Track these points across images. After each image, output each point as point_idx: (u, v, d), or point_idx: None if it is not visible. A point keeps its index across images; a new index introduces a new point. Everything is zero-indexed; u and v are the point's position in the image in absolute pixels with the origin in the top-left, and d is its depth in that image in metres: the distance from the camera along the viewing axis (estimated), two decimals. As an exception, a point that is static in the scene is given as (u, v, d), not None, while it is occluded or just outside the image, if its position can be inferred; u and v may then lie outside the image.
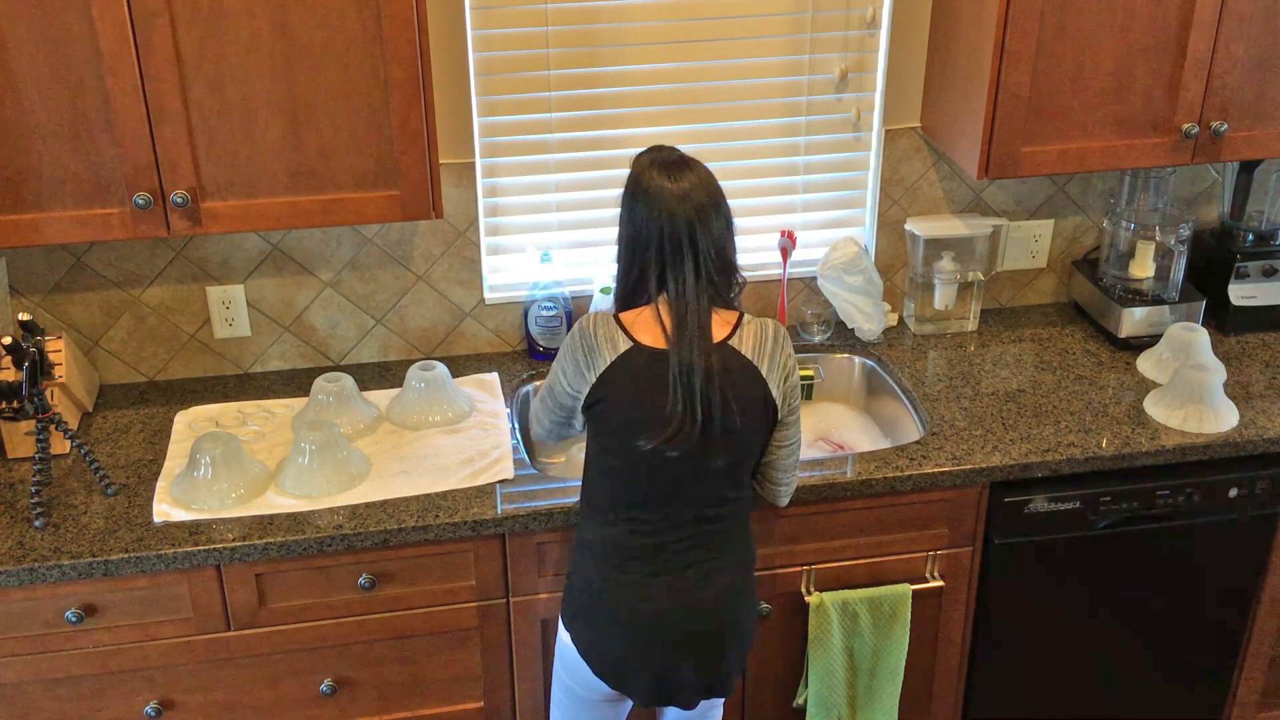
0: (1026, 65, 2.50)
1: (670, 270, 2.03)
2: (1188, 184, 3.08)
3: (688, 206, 2.01)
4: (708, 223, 2.02)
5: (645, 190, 2.04)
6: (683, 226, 2.01)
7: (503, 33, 2.68)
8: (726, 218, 2.07)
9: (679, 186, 2.02)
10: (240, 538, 2.29)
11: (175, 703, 2.45)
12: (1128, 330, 2.91)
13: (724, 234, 2.06)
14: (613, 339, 2.06)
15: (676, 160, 2.07)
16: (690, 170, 2.05)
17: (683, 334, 2.01)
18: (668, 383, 2.01)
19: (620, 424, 2.05)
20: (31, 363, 2.32)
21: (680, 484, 2.08)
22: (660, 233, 2.02)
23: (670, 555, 2.11)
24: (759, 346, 2.08)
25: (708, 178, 2.06)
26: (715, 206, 2.04)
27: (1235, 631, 2.83)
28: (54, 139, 2.25)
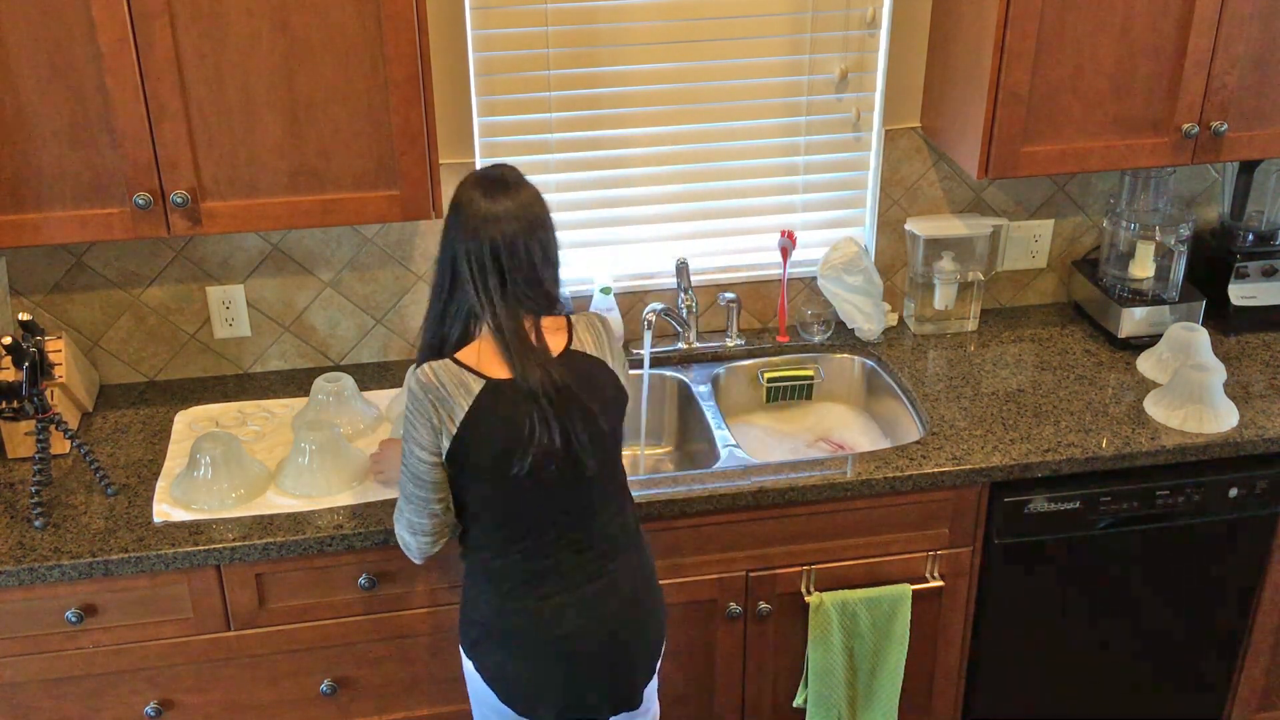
0: (1026, 65, 2.50)
1: (479, 288, 1.96)
2: (1188, 184, 3.08)
3: (494, 228, 1.94)
4: (515, 245, 1.95)
5: (459, 207, 1.98)
6: (486, 246, 1.94)
7: (503, 33, 2.68)
8: (542, 243, 1.99)
9: (492, 207, 1.95)
10: (240, 538, 2.29)
11: (175, 703, 2.45)
12: (1128, 330, 2.91)
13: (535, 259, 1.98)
14: (463, 383, 1.97)
15: (499, 179, 1.99)
16: (511, 192, 1.97)
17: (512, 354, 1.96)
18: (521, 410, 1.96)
19: (493, 461, 1.98)
20: (31, 363, 2.32)
21: (558, 502, 2.04)
22: (467, 249, 1.96)
23: (563, 576, 2.07)
24: (597, 341, 2.07)
25: (530, 201, 1.99)
26: (528, 231, 1.96)
27: (1235, 631, 2.83)
28: (54, 139, 2.25)
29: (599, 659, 2.11)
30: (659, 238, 2.94)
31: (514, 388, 1.97)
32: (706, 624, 2.59)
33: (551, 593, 2.07)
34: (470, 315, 2.02)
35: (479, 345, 2.01)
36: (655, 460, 2.96)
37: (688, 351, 2.95)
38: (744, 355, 2.97)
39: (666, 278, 2.95)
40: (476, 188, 1.98)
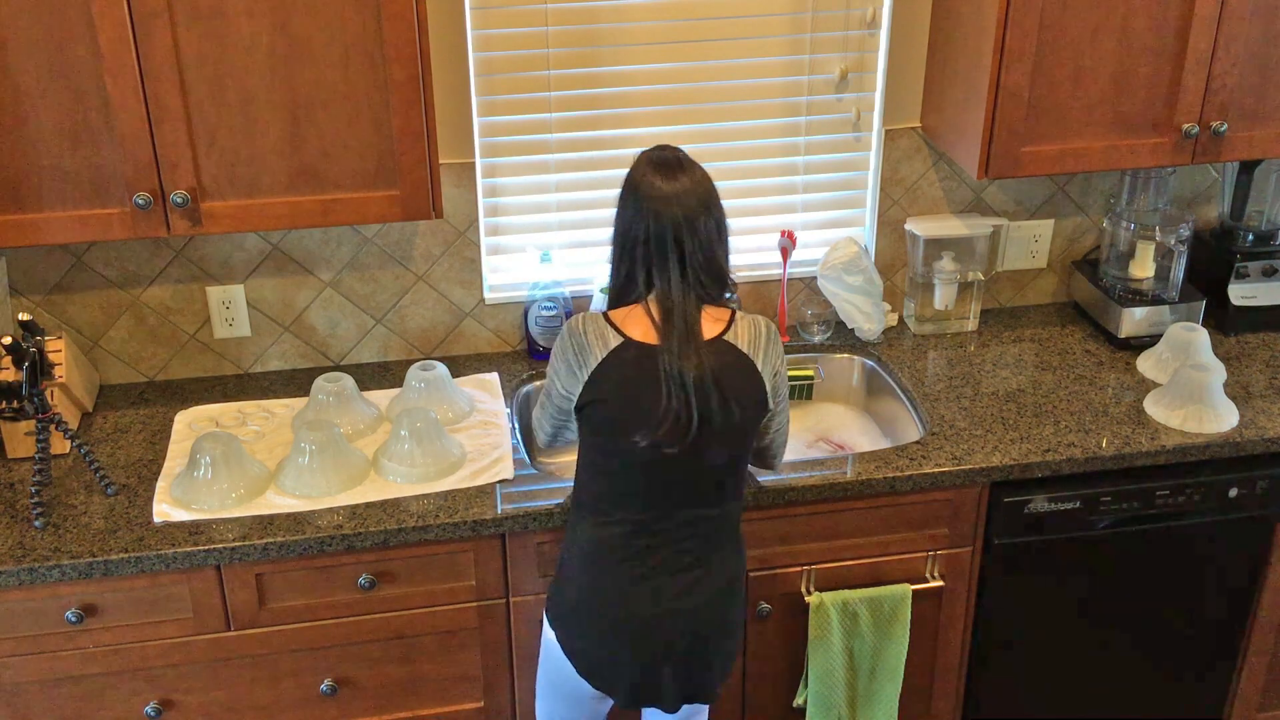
0: (1026, 65, 2.50)
1: (657, 269, 2.03)
2: (1188, 184, 3.08)
3: (676, 208, 2.00)
4: (695, 224, 2.02)
5: (637, 189, 2.04)
6: (668, 226, 2.01)
7: (503, 33, 2.68)
8: (718, 221, 2.06)
9: (671, 187, 2.01)
10: (240, 538, 2.29)
11: (175, 703, 2.45)
12: (1128, 330, 2.91)
13: (712, 237, 2.05)
14: (603, 335, 2.06)
15: (673, 160, 2.06)
16: (685, 172, 2.04)
17: (670, 331, 2.02)
18: (656, 380, 2.01)
19: (613, 421, 2.05)
20: (31, 363, 2.32)
21: (675, 482, 2.08)
22: (647, 231, 2.02)
23: (659, 559, 2.10)
24: (753, 341, 2.09)
25: (703, 180, 2.06)
26: (705, 209, 2.03)
27: (1235, 631, 2.83)
28: (54, 139, 2.25)
29: (681, 649, 2.13)
30: (659, 238, 2.94)
31: (647, 353, 2.03)
32: (706, 624, 2.59)
33: (648, 574, 2.10)
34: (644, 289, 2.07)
35: (632, 309, 2.08)
36: (655, 460, 2.96)
37: (688, 351, 2.94)
38: (744, 355, 2.97)
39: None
40: (652, 169, 2.04)
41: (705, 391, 2.02)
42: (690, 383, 2.00)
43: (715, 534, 2.14)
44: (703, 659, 2.17)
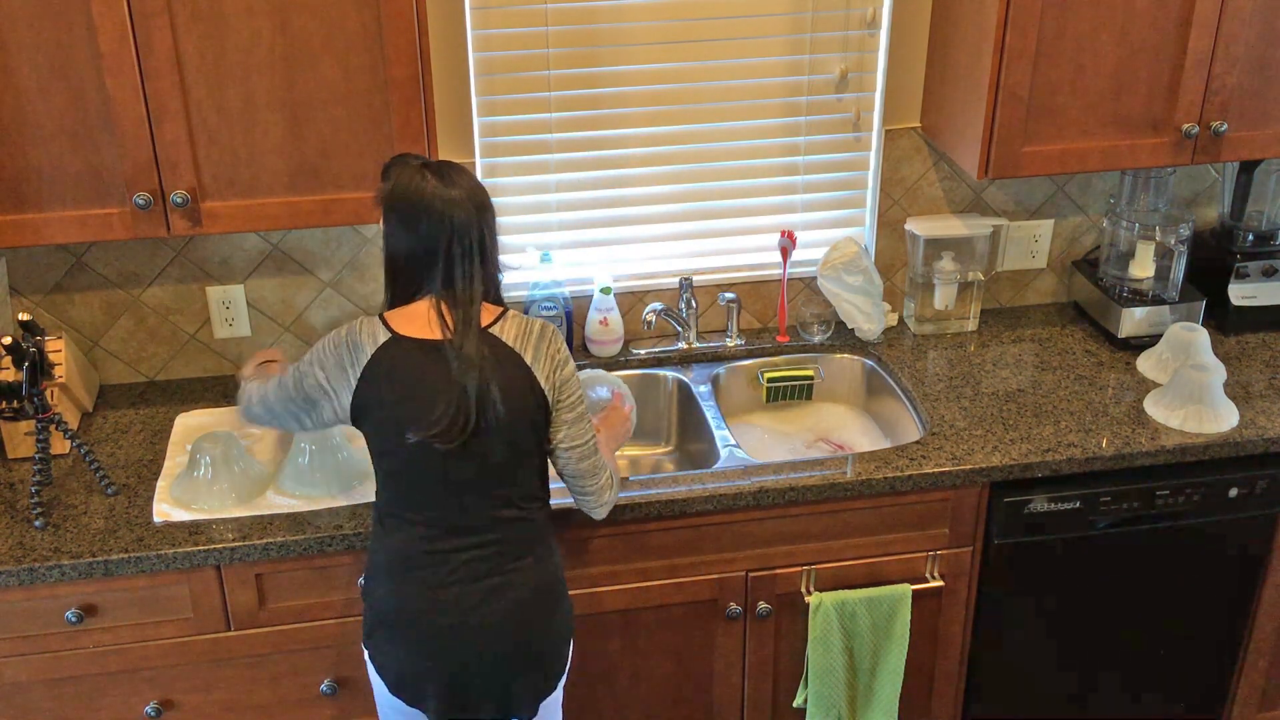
0: (1026, 65, 2.50)
1: (441, 270, 2.01)
2: (1188, 184, 3.08)
3: (456, 210, 1.98)
4: (469, 228, 2.00)
5: (409, 195, 2.00)
6: (448, 227, 1.99)
7: (503, 33, 2.68)
8: (491, 227, 2.05)
9: (448, 191, 1.99)
10: (240, 538, 2.29)
11: (175, 703, 2.45)
12: (1128, 330, 2.91)
13: (487, 241, 2.04)
14: (374, 335, 2.04)
15: (443, 165, 2.04)
16: (459, 175, 2.02)
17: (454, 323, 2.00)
18: (429, 375, 2.00)
19: (388, 420, 2.02)
20: (31, 363, 2.32)
21: (463, 483, 2.04)
22: (435, 235, 1.99)
23: (457, 566, 2.06)
24: (522, 336, 2.07)
25: (475, 185, 2.04)
26: (480, 213, 2.02)
27: (1235, 631, 2.83)
28: (54, 139, 2.25)
29: (483, 658, 2.08)
30: (659, 237, 2.94)
31: (419, 347, 2.01)
32: (706, 624, 2.59)
33: (446, 582, 2.06)
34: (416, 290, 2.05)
35: (406, 308, 2.06)
36: (655, 460, 2.96)
37: (688, 351, 2.95)
38: (744, 355, 2.97)
39: (666, 278, 2.95)
40: (422, 173, 2.01)
41: (485, 385, 2.00)
42: (473, 383, 1.98)
43: (516, 539, 2.09)
44: (509, 671, 2.11)
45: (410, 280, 2.05)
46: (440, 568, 2.06)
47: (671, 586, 2.52)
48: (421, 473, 2.04)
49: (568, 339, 2.89)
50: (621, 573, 2.50)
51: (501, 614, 2.08)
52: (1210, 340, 2.76)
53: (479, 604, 2.06)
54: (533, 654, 2.13)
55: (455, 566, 2.06)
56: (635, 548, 2.48)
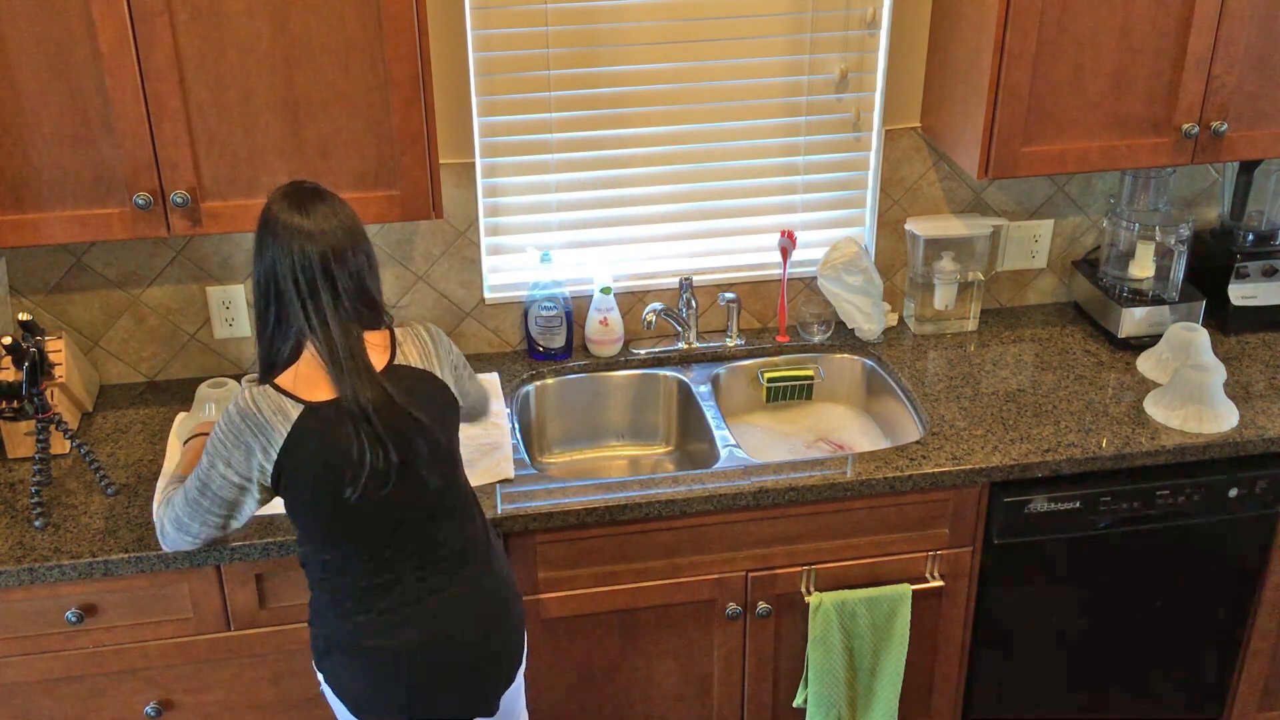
0: (1026, 65, 2.50)
1: (310, 306, 1.91)
2: (1188, 184, 3.08)
3: (321, 241, 1.89)
4: (344, 256, 1.92)
5: (275, 227, 1.91)
6: (315, 260, 1.89)
7: (503, 33, 2.68)
8: (367, 253, 1.97)
9: (313, 221, 1.90)
10: (240, 538, 2.29)
11: (175, 703, 2.45)
12: (1128, 330, 2.91)
13: (363, 268, 1.95)
14: (281, 409, 1.92)
15: (310, 192, 1.95)
16: (324, 203, 1.93)
17: (342, 374, 1.91)
18: (349, 434, 1.92)
19: (316, 484, 1.94)
20: (31, 363, 2.32)
21: (399, 520, 2.01)
22: (294, 268, 1.90)
23: (405, 591, 2.04)
24: (424, 354, 2.04)
25: (345, 211, 1.96)
26: (351, 240, 1.93)
27: (1235, 631, 2.83)
28: (54, 139, 2.25)
29: (444, 670, 2.08)
30: (659, 237, 2.94)
31: (336, 409, 1.92)
32: (706, 624, 2.59)
33: (393, 606, 2.04)
34: (299, 333, 1.95)
35: (296, 369, 1.95)
36: (655, 460, 2.96)
37: (688, 351, 2.95)
38: (744, 355, 2.97)
39: (666, 278, 2.95)
40: (287, 202, 1.92)
41: (399, 426, 1.94)
42: (381, 424, 1.92)
43: (456, 555, 2.08)
44: (471, 677, 2.11)
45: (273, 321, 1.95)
46: (385, 596, 2.04)
47: (671, 586, 2.52)
48: (361, 520, 1.99)
49: (568, 339, 2.89)
50: (621, 573, 2.50)
51: (458, 624, 2.08)
52: (1210, 340, 2.76)
53: (434, 619, 2.06)
54: (492, 655, 2.14)
55: (406, 588, 2.04)
56: (635, 548, 2.48)
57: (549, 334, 2.88)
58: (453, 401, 2.08)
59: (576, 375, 2.90)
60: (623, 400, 2.94)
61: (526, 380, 2.87)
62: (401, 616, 2.04)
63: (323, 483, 1.94)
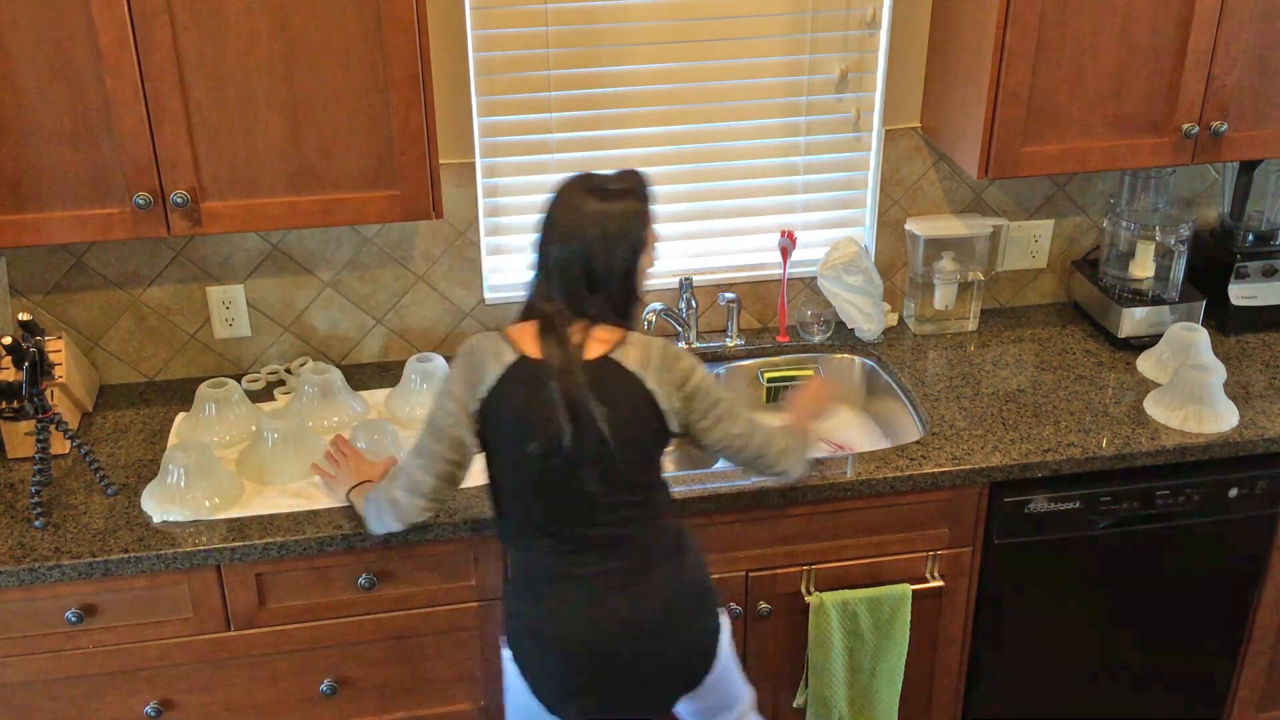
0: (1026, 65, 2.50)
1: (558, 286, 2.03)
2: (1188, 184, 3.08)
3: (593, 229, 1.99)
4: (609, 247, 2.00)
5: (559, 207, 2.03)
6: (579, 247, 2.00)
7: (503, 33, 2.68)
8: (634, 247, 2.03)
9: (595, 208, 2.00)
10: (240, 538, 2.29)
11: (175, 703, 2.45)
12: (1128, 330, 2.91)
13: (627, 263, 2.03)
14: (499, 353, 2.04)
15: (611, 187, 2.04)
16: (615, 198, 2.02)
17: (550, 347, 2.01)
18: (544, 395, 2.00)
19: (511, 438, 2.03)
20: (31, 363, 2.32)
21: (571, 500, 2.05)
22: (560, 249, 2.01)
23: (594, 583, 2.08)
24: (644, 360, 2.06)
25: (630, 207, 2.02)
26: (624, 234, 2.01)
27: (1235, 631, 2.83)
28: (54, 139, 2.25)
29: (630, 669, 2.11)
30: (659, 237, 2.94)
31: (543, 372, 2.01)
32: (706, 624, 2.59)
33: (589, 600, 2.08)
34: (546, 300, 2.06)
35: (527, 325, 2.07)
36: (655, 460, 2.96)
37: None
38: (744, 355, 2.97)
39: (666, 278, 2.95)
40: (583, 191, 2.03)
41: (578, 409, 1.99)
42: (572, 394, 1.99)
43: (643, 551, 2.10)
44: (655, 678, 2.14)
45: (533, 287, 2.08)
46: (580, 586, 2.09)
47: (671, 586, 2.52)
48: (537, 492, 2.05)
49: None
50: (621, 573, 2.50)
51: (646, 625, 2.10)
52: (1210, 340, 2.76)
53: (625, 619, 2.09)
54: (671, 662, 2.16)
55: (594, 583, 2.08)
56: (635, 548, 2.47)
57: (549, 334, 2.88)
58: (651, 416, 2.06)
59: (576, 375, 2.90)
60: (623, 400, 2.93)
61: (526, 380, 2.87)
62: (596, 614, 2.08)
63: (516, 435, 2.03)
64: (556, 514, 2.07)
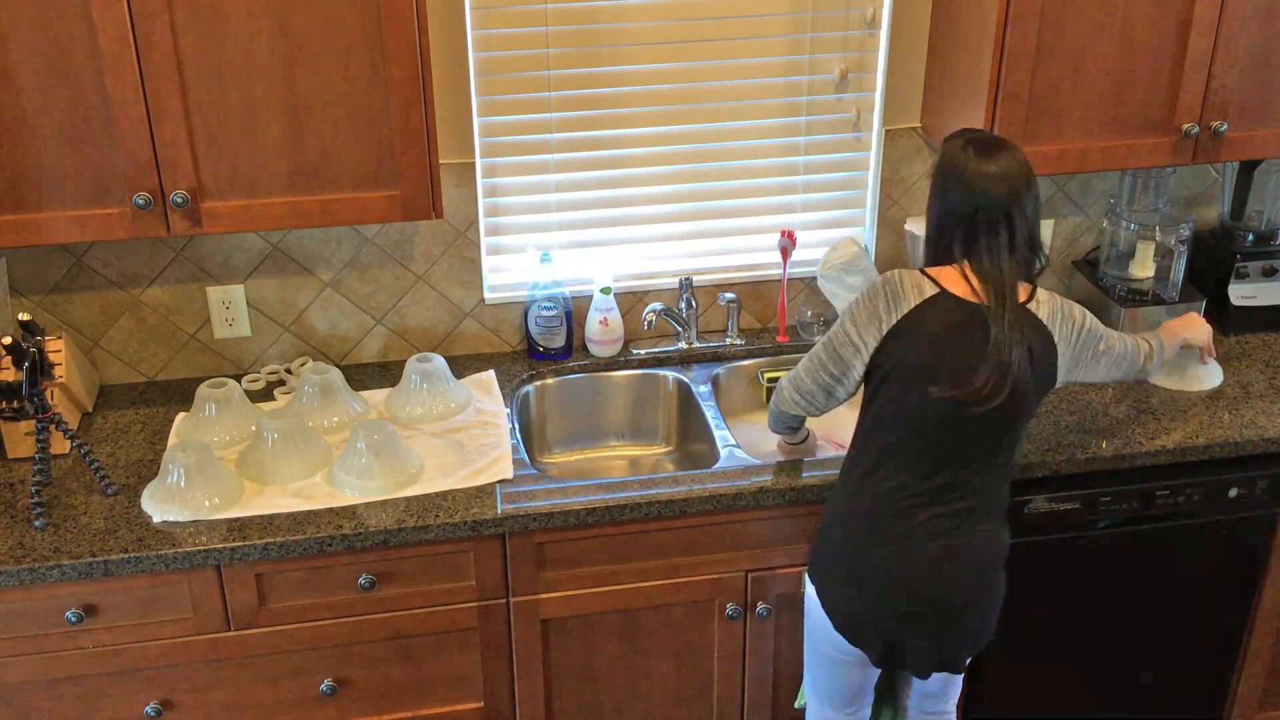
0: (1026, 65, 2.50)
1: (986, 244, 2.07)
2: (1188, 184, 3.08)
3: (1004, 185, 2.05)
4: (1023, 200, 2.07)
5: (960, 169, 2.08)
6: (999, 203, 2.05)
7: (503, 33, 2.68)
8: (1037, 197, 2.11)
9: (998, 166, 2.06)
10: (240, 538, 2.29)
11: (175, 703, 2.45)
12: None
13: (1036, 213, 2.11)
14: (919, 285, 2.11)
15: (992, 141, 2.11)
16: (1006, 151, 2.09)
17: (1002, 302, 2.06)
18: (968, 337, 2.06)
19: (916, 368, 2.08)
20: (31, 363, 2.32)
21: (962, 442, 2.11)
22: (974, 208, 2.06)
23: (922, 522, 2.14)
24: (1052, 315, 2.15)
25: (1023, 158, 2.10)
26: (1028, 186, 2.08)
27: (1235, 632, 2.83)
28: (54, 139, 2.25)
29: (928, 614, 2.18)
30: (659, 238, 2.94)
31: (964, 308, 2.07)
32: (706, 624, 2.59)
33: (910, 534, 2.14)
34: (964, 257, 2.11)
35: (947, 268, 2.13)
36: (655, 460, 2.96)
37: (688, 351, 2.95)
38: (744, 355, 2.97)
39: (666, 278, 2.95)
40: (972, 150, 2.09)
41: (1023, 363, 2.07)
42: (1016, 355, 2.05)
43: (984, 502, 2.18)
44: (957, 626, 2.21)
45: (941, 243, 2.13)
46: (908, 522, 2.14)
47: (671, 586, 2.52)
48: (931, 429, 2.10)
49: (567, 339, 2.89)
50: (621, 573, 2.50)
51: (959, 570, 2.17)
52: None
53: (940, 560, 2.15)
54: (980, 612, 2.23)
55: (923, 522, 2.14)
56: (635, 548, 2.48)
57: (549, 334, 2.88)
58: (1053, 372, 2.16)
59: (576, 375, 2.91)
60: (623, 400, 2.94)
61: (526, 380, 2.87)
62: (915, 546, 2.14)
63: (922, 367, 2.08)
64: (938, 451, 2.11)
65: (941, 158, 2.14)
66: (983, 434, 2.12)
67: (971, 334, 2.07)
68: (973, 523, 2.17)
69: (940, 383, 2.06)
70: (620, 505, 2.39)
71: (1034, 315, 2.13)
